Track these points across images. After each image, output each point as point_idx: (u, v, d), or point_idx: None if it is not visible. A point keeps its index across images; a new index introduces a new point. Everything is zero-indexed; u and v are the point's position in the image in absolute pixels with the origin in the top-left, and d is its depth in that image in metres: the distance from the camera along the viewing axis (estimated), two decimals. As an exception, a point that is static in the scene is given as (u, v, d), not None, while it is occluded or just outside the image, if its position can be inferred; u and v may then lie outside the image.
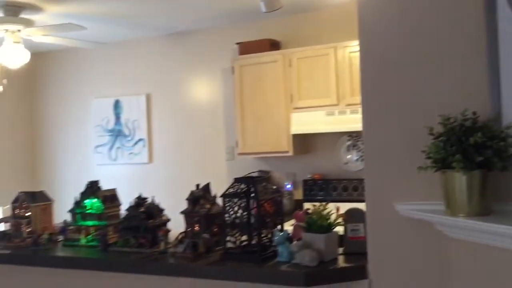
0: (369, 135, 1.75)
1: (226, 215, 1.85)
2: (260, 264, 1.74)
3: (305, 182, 4.77)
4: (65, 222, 2.32)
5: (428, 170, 1.47)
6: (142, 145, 5.59)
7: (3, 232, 2.29)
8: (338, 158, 4.73)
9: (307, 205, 4.82)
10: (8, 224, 2.35)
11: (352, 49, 4.28)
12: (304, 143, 4.82)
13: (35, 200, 2.33)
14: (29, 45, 4.19)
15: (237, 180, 1.87)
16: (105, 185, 5.66)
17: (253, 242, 1.82)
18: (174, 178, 5.34)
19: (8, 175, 5.87)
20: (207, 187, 2.03)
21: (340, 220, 1.80)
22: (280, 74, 4.62)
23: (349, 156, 4.72)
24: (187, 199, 2.00)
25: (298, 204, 4.67)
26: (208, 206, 1.96)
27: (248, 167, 4.94)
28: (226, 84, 5.17)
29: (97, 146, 5.84)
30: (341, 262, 1.73)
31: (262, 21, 4.84)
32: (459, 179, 1.40)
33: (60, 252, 2.12)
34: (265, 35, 4.82)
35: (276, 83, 4.63)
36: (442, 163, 1.44)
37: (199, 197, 1.98)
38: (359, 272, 1.67)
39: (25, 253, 2.15)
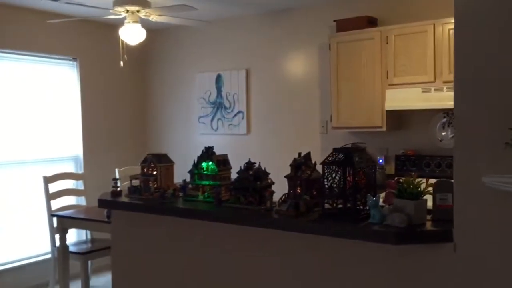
0: (460, 110, 1.88)
1: (325, 180, 2.10)
2: (355, 224, 1.99)
3: (398, 157, 4.89)
4: (184, 181, 2.71)
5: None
6: (241, 117, 5.97)
7: (135, 187, 2.73)
8: (432, 135, 4.78)
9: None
10: (137, 181, 2.78)
11: (451, 25, 4.28)
12: (398, 119, 4.92)
13: (160, 161, 2.75)
14: (144, 24, 4.67)
15: (336, 150, 2.11)
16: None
17: (348, 205, 2.06)
18: (269, 149, 5.70)
19: (122, 142, 6.56)
20: (308, 155, 2.29)
21: (429, 189, 1.98)
22: (376, 51, 4.72)
23: (444, 133, 4.76)
24: (290, 165, 2.28)
25: (390, 179, 4.81)
26: (308, 172, 2.23)
27: (341, 141, 5.14)
28: (322, 60, 5.36)
29: (200, 117, 6.32)
30: (429, 226, 1.92)
31: (360, -2, 4.95)
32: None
33: (183, 205, 2.51)
34: (362, 12, 4.93)
35: (372, 60, 4.75)
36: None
37: (301, 164, 2.25)
38: (445, 235, 1.86)
39: (154, 204, 2.57)
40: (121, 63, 4.78)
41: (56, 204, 5.19)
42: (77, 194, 5.53)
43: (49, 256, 5.09)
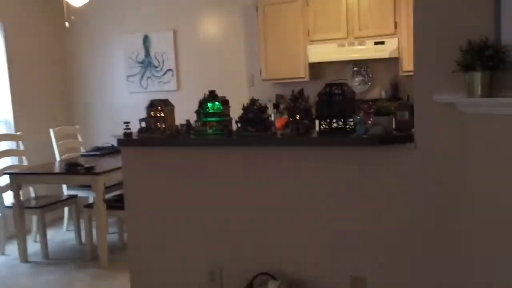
0: (417, 37, 2.67)
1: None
2: (347, 135, 2.78)
3: (316, 103, 5.81)
4: (188, 121, 3.27)
5: (458, 72, 2.48)
6: (171, 75, 6.44)
7: (145, 127, 3.21)
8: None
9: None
10: (143, 123, 3.26)
11: (361, -10, 5.23)
12: (318, 70, 5.82)
13: (165, 105, 3.25)
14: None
15: (328, 84, 2.87)
16: (137, 110, 6.48)
17: (335, 125, 2.84)
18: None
19: (51, 103, 6.65)
20: (302, 90, 3.02)
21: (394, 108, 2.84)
22: (298, 12, 5.53)
23: (354, 81, 5.76)
24: (289, 98, 2.99)
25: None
26: (304, 102, 2.96)
27: (267, 92, 5.95)
28: (247, 20, 6.03)
29: (129, 76, 6.64)
30: (397, 133, 2.79)
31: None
32: (477, 76, 2.42)
33: (198, 137, 3.09)
34: (285, -22, 5.66)
35: (295, 20, 5.55)
36: (467, 67, 2.45)
37: (297, 97, 2.97)
38: (409, 138, 2.74)
39: (172, 139, 3.11)
40: (67, 24, 4.96)
41: None
42: (18, 155, 5.64)
43: (-3, 215, 5.21)
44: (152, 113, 3.25)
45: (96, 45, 6.81)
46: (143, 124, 3.28)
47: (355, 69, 5.77)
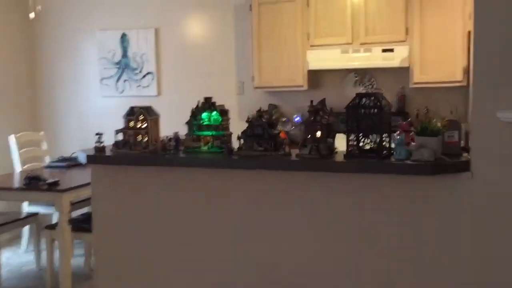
0: (479, 50, 2.11)
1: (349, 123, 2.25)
2: (385, 160, 2.17)
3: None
4: (176, 133, 2.61)
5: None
6: (151, 78, 5.76)
7: (123, 141, 2.54)
8: (346, 93, 5.18)
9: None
10: (120, 135, 2.60)
11: (368, -11, 4.67)
12: (317, 78, 5.22)
13: (149, 113, 2.59)
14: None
15: (360, 95, 2.26)
16: (112, 116, 5.82)
17: (368, 147, 2.23)
18: (182, 110, 5.55)
19: (13, 108, 5.88)
20: (323, 101, 2.40)
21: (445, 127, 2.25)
22: (298, 12, 4.93)
23: (355, 92, 5.18)
24: (308, 110, 2.37)
25: (308, 135, 5.12)
26: (326, 117, 2.34)
27: (258, 101, 5.33)
28: (239, 20, 5.40)
29: (103, 79, 5.93)
30: (449, 160, 2.19)
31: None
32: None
33: (193, 155, 2.42)
34: (283, -26, 5.06)
35: (293, 21, 4.95)
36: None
37: (319, 109, 2.35)
38: (465, 165, 2.15)
39: (158, 156, 2.44)
40: (32, 14, 4.25)
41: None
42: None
43: None
44: (131, 123, 2.58)
45: (66, 42, 6.06)
46: (120, 137, 2.61)
47: (357, 78, 5.19)
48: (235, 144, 2.45)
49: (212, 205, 2.51)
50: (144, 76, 5.79)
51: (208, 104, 2.54)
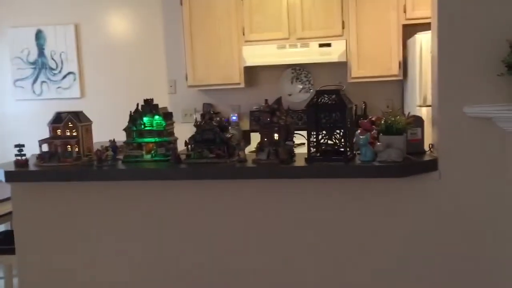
0: (442, 42, 1.98)
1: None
2: (348, 163, 1.99)
3: (252, 113, 5.00)
4: (112, 141, 2.28)
5: (505, 75, 1.83)
6: (72, 79, 5.29)
7: (49, 153, 2.17)
8: (282, 90, 5.02)
9: (253, 135, 5.08)
10: (45, 145, 2.23)
11: (303, -18, 4.53)
12: (253, 75, 5.02)
13: (79, 120, 2.24)
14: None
15: (320, 92, 2.05)
16: (28, 121, 5.29)
17: (329, 148, 2.04)
18: (108, 113, 5.17)
19: None
20: (279, 100, 2.18)
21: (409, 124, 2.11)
22: (231, 6, 4.69)
23: (293, 88, 5.04)
24: (264, 111, 2.13)
25: (246, 135, 4.91)
26: (284, 117, 2.12)
27: (192, 100, 5.05)
28: (168, 14, 5.07)
29: (17, 80, 5.37)
30: (416, 159, 2.05)
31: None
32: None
33: (132, 167, 2.10)
34: (213, -34, 4.80)
35: (227, 16, 4.70)
36: (517, 70, 1.81)
37: (275, 110, 2.12)
38: (432, 164, 2.02)
39: (92, 170, 2.09)
40: None
41: None
42: None
43: None
44: (58, 131, 2.22)
45: (-28, 41, 5.43)
46: (45, 148, 2.24)
47: (292, 74, 5.05)
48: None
49: (156, 222, 2.21)
50: (64, 77, 5.30)
51: (149, 106, 2.23)
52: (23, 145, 2.21)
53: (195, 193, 2.16)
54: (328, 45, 4.56)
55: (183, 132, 2.62)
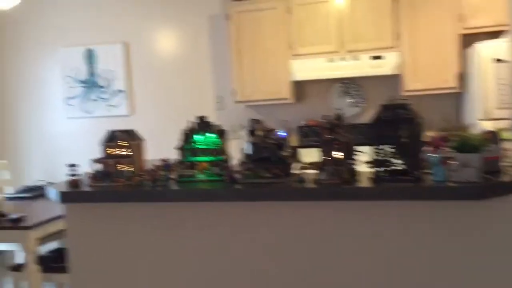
0: None
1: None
2: (419, 184, 1.83)
3: (300, 128, 4.87)
4: (165, 160, 2.21)
5: None
6: (122, 97, 5.32)
7: (103, 172, 2.12)
8: (331, 104, 4.87)
9: (303, 151, 4.94)
10: (98, 165, 2.18)
11: (353, -6, 4.40)
12: (301, 90, 4.90)
13: (131, 138, 2.19)
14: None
15: (386, 107, 1.91)
16: (79, 138, 5.33)
17: (399, 168, 1.89)
18: (157, 130, 5.15)
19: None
20: (340, 116, 2.05)
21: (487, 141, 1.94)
22: (279, 21, 4.61)
23: (341, 102, 4.88)
24: (324, 127, 2.00)
25: (294, 150, 4.77)
26: (344, 134, 1.99)
27: (239, 116, 4.97)
28: (215, 31, 5.04)
29: (68, 98, 5.46)
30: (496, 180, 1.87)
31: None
32: None
33: (190, 187, 2.01)
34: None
35: (275, 30, 4.63)
36: None
37: (336, 126, 1.99)
38: (513, 185, 1.84)
39: (148, 190, 2.01)
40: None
41: None
42: None
43: None
44: (111, 150, 2.16)
45: (24, 61, 5.56)
46: (98, 167, 2.18)
47: (341, 88, 4.89)
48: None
49: (212, 244, 2.10)
50: (114, 95, 5.34)
51: (203, 124, 2.15)
52: (75, 165, 2.17)
53: (250, 216, 2.04)
54: (380, 57, 4.40)
55: (230, 149, 2.53)
